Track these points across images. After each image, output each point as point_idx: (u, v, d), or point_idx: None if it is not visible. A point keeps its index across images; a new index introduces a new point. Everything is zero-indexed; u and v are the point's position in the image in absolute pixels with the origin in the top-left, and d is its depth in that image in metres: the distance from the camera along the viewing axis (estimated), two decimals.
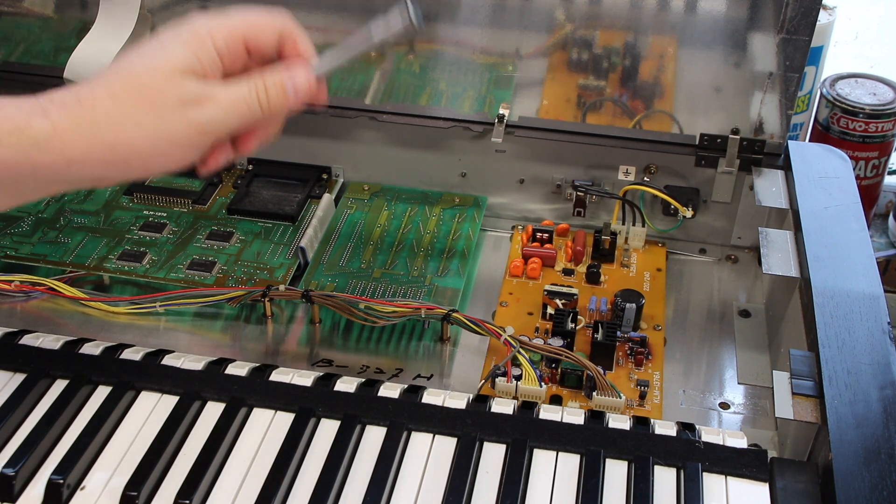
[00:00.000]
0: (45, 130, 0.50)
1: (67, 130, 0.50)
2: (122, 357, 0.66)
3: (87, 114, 0.51)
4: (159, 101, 0.51)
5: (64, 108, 0.50)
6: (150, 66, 0.52)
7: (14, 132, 0.49)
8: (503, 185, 0.87)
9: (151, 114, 0.51)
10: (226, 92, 0.53)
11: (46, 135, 0.50)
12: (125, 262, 0.79)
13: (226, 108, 0.53)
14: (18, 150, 0.49)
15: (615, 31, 0.78)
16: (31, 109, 0.50)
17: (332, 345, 0.73)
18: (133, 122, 0.51)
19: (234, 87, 0.54)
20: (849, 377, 0.57)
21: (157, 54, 0.52)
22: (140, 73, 0.52)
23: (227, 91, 0.53)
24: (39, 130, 0.50)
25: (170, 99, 0.52)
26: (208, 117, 0.52)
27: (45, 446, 0.59)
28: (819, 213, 0.71)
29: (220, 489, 0.57)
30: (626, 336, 0.72)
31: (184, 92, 0.52)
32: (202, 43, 0.53)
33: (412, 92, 0.85)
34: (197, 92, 0.52)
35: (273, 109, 0.55)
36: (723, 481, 0.57)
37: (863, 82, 0.96)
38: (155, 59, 0.52)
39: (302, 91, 0.56)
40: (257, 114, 0.54)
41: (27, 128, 0.49)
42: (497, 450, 0.59)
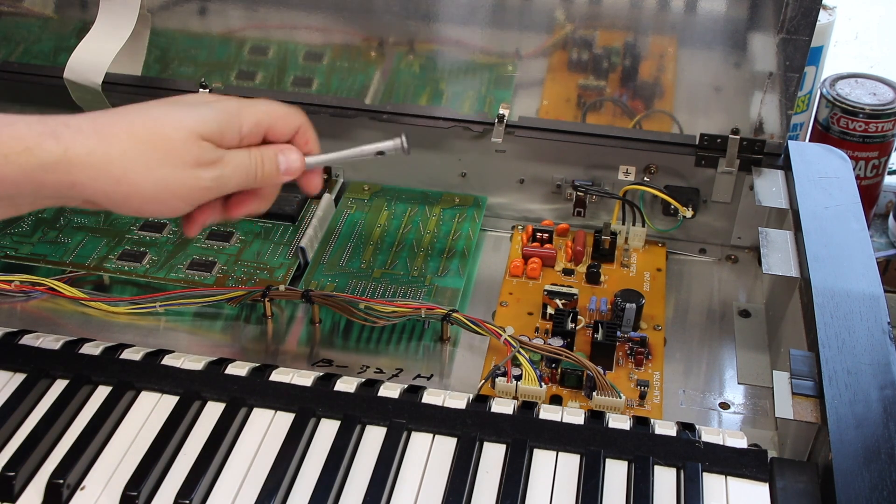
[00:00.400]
0: (55, 153, 0.51)
1: (79, 156, 0.52)
2: (122, 357, 0.66)
3: (103, 145, 0.52)
4: (176, 154, 0.54)
5: (80, 135, 0.52)
6: (178, 122, 0.55)
7: (24, 152, 0.51)
8: (503, 185, 0.87)
9: (165, 164, 0.54)
10: (232, 158, 0.57)
11: (56, 158, 0.51)
12: (125, 262, 0.79)
13: (229, 173, 0.57)
14: (26, 169, 0.51)
15: (615, 31, 0.78)
16: (43, 130, 0.51)
17: (332, 345, 0.73)
18: (145, 166, 0.53)
19: (240, 154, 0.58)
20: (849, 377, 0.57)
21: (188, 114, 0.55)
22: (166, 124, 0.54)
23: (233, 158, 0.57)
24: (49, 153, 0.51)
25: (186, 156, 0.54)
26: (213, 176, 0.56)
27: (45, 446, 0.59)
28: (819, 213, 0.71)
29: (220, 489, 0.57)
30: (626, 336, 0.72)
31: (200, 154, 0.55)
32: (231, 122, 0.57)
33: (412, 92, 0.85)
34: (210, 155, 0.56)
35: (265, 179, 0.59)
36: (723, 481, 0.57)
37: (863, 82, 0.96)
38: (184, 118, 0.55)
39: (292, 169, 0.60)
40: (251, 181, 0.58)
41: (37, 148, 0.51)
42: (497, 450, 0.59)
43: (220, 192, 0.57)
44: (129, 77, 0.87)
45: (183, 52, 0.87)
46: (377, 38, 0.83)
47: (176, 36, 0.86)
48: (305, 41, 0.84)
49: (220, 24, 0.85)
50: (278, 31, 0.84)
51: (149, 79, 0.88)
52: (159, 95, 0.86)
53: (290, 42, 0.84)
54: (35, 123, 0.52)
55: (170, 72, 0.88)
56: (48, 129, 0.51)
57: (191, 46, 0.87)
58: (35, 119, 0.52)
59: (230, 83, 0.87)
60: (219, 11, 0.84)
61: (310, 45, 0.84)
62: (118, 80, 0.86)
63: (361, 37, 0.83)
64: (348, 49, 0.84)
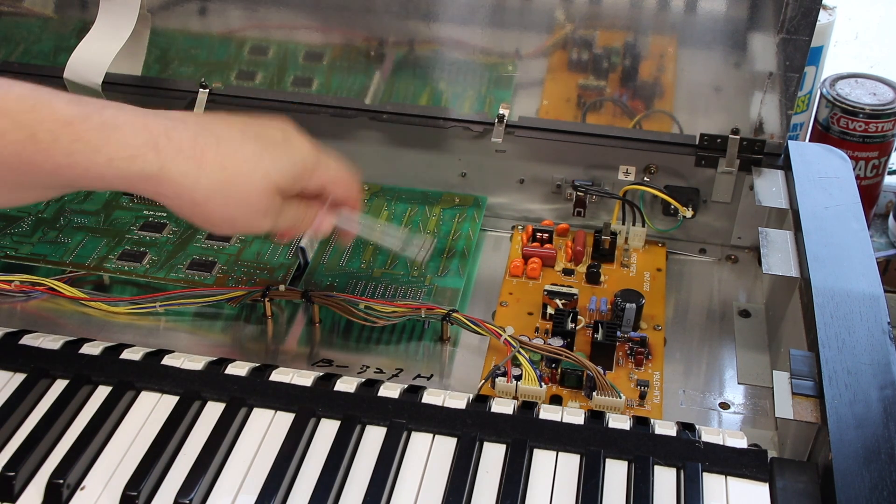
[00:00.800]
0: (154, 167, 0.55)
1: (173, 174, 0.55)
2: (122, 357, 0.66)
3: (195, 172, 0.56)
4: (252, 202, 0.59)
5: (178, 155, 0.55)
6: (264, 174, 0.59)
7: (127, 159, 0.54)
8: (503, 185, 0.87)
9: (240, 206, 0.58)
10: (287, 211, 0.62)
11: (153, 171, 0.55)
12: (125, 262, 0.79)
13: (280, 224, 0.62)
14: (124, 175, 0.54)
15: (615, 31, 0.78)
16: (146, 141, 0.54)
17: (332, 345, 0.73)
18: (223, 202, 0.58)
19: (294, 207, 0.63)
20: (849, 377, 0.57)
21: (274, 164, 0.59)
22: (255, 172, 0.58)
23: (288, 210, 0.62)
24: (150, 165, 0.55)
25: (259, 207, 0.59)
26: (267, 226, 0.61)
27: (45, 446, 0.59)
28: (819, 213, 0.71)
29: (220, 489, 0.57)
30: (626, 336, 0.72)
31: (270, 206, 0.60)
32: (305, 176, 0.61)
33: (412, 92, 0.85)
34: (276, 209, 0.60)
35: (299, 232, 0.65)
36: (723, 481, 0.57)
37: (863, 82, 0.96)
38: (270, 169, 0.59)
39: (318, 233, 0.67)
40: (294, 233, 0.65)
41: (140, 158, 0.54)
42: (497, 450, 0.59)
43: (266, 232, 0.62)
44: (129, 77, 0.87)
45: (183, 52, 0.87)
46: (377, 38, 0.83)
47: (176, 36, 0.86)
48: (305, 41, 0.84)
49: (220, 24, 0.85)
50: (278, 31, 0.84)
51: (149, 79, 0.88)
52: (159, 95, 0.88)
53: (290, 42, 0.84)
54: (141, 131, 0.54)
55: (170, 72, 0.88)
56: (151, 139, 0.54)
57: (191, 46, 0.87)
58: (140, 124, 0.55)
59: (230, 83, 0.87)
60: (219, 11, 0.84)
61: (310, 45, 0.84)
62: (118, 80, 0.86)
63: (361, 37, 0.83)
64: (348, 49, 0.84)
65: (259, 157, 0.59)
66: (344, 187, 0.65)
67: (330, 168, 0.64)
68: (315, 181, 0.63)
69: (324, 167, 0.63)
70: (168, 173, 0.55)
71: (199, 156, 0.56)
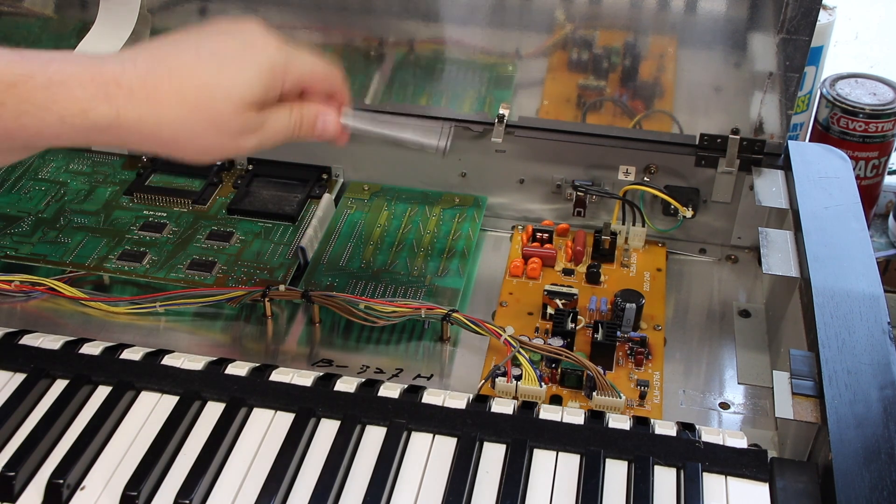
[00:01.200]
0: (109, 117, 0.52)
1: (130, 119, 0.53)
2: (122, 357, 0.66)
3: (154, 112, 0.53)
4: (223, 127, 0.56)
5: (131, 99, 0.53)
6: (226, 94, 0.55)
7: (79, 114, 0.52)
8: (503, 185, 0.87)
9: (211, 133, 0.56)
10: (274, 122, 0.59)
11: (109, 121, 0.52)
12: (125, 262, 0.79)
13: (269, 136, 0.59)
14: (79, 129, 0.52)
15: (615, 31, 0.78)
16: (96, 92, 0.52)
17: (332, 345, 0.73)
18: (191, 133, 0.55)
19: (280, 115, 0.59)
20: (849, 377, 0.57)
21: (236, 82, 0.55)
22: (214, 94, 0.55)
23: (275, 121, 0.59)
24: (103, 117, 0.52)
25: (232, 129, 0.56)
26: (254, 143, 0.58)
27: (45, 446, 0.59)
28: (819, 213, 0.71)
29: (220, 489, 0.57)
30: (626, 336, 0.72)
31: (245, 124, 0.57)
32: (275, 80, 0.57)
33: (412, 92, 0.85)
34: (254, 124, 0.57)
35: (300, 138, 0.61)
36: (723, 481, 0.57)
37: (863, 82, 0.96)
38: (232, 88, 0.55)
39: (327, 133, 0.62)
40: (287, 139, 0.60)
41: (92, 111, 0.52)
42: (497, 450, 0.59)
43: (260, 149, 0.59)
44: None
45: None
46: (377, 38, 0.83)
47: None
48: (305, 41, 0.84)
49: None
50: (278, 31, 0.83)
51: None
52: None
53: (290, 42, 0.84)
54: (88, 83, 0.52)
55: None
56: (101, 90, 0.52)
57: None
58: (87, 75, 0.52)
59: None
60: (219, 11, 0.84)
61: (310, 45, 0.84)
62: None
63: (361, 37, 0.83)
64: (348, 49, 0.84)
65: (217, 78, 0.55)
66: (324, 80, 0.61)
67: (304, 62, 0.59)
68: (290, 80, 0.58)
69: (296, 63, 0.58)
70: (125, 120, 0.53)
71: (153, 95, 0.53)
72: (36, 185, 0.88)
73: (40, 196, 0.86)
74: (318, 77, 0.60)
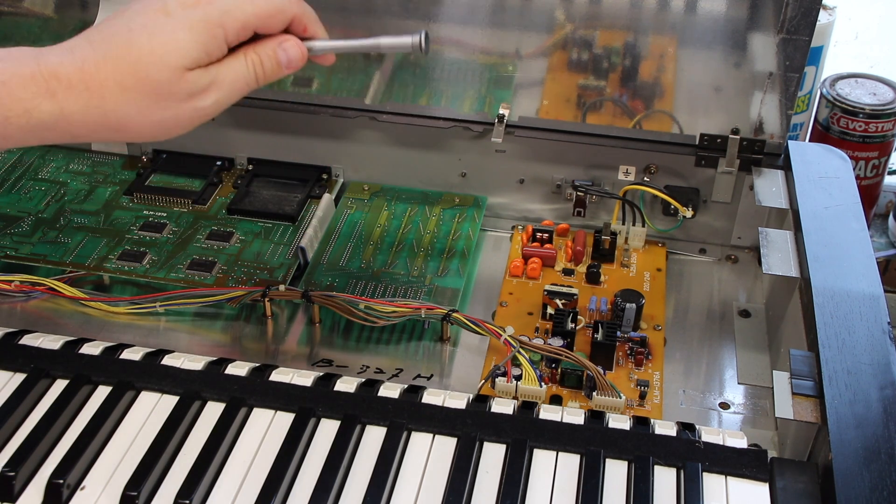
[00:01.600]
0: (53, 113, 0.51)
1: (75, 112, 0.52)
2: (122, 357, 0.66)
3: (96, 99, 0.52)
4: (167, 95, 0.53)
5: (71, 92, 0.52)
6: (160, 61, 0.53)
7: (23, 114, 0.51)
8: (503, 185, 0.87)
9: (159, 105, 0.53)
10: (226, 74, 0.55)
11: (54, 118, 0.51)
12: (125, 262, 0.79)
13: (227, 91, 0.55)
14: (26, 128, 0.51)
15: (615, 31, 0.78)
16: (38, 90, 0.51)
17: (332, 345, 0.73)
18: (138, 111, 0.53)
19: (233, 65, 0.55)
20: (849, 377, 0.57)
21: (168, 48, 0.53)
22: (149, 65, 0.53)
23: (228, 72, 0.55)
24: (48, 114, 0.51)
25: (178, 94, 0.53)
26: (211, 101, 0.55)
27: (45, 446, 0.59)
28: (819, 213, 0.71)
29: (220, 489, 0.57)
30: (626, 336, 0.72)
31: (191, 86, 0.54)
32: (213, 35, 0.54)
33: (412, 92, 0.85)
34: (202, 83, 0.54)
35: (268, 79, 0.57)
36: (723, 481, 0.57)
37: (863, 82, 0.96)
38: (165, 54, 0.53)
39: (294, 61, 0.58)
40: (254, 86, 0.57)
41: (35, 110, 0.51)
42: (497, 450, 0.59)
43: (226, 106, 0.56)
44: None
45: None
46: None
47: None
48: None
49: None
50: None
51: None
52: None
53: None
54: (29, 81, 0.51)
55: None
56: (42, 87, 0.51)
57: None
58: (27, 74, 0.51)
59: None
60: None
61: None
62: None
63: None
64: None
65: (149, 49, 0.52)
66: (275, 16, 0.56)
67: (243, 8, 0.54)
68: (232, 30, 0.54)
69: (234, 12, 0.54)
70: (70, 114, 0.52)
71: (91, 83, 0.52)
72: (36, 185, 0.88)
73: (40, 196, 0.86)
74: (265, 16, 0.56)
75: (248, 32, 0.56)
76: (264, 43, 0.57)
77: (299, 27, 0.58)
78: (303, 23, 0.58)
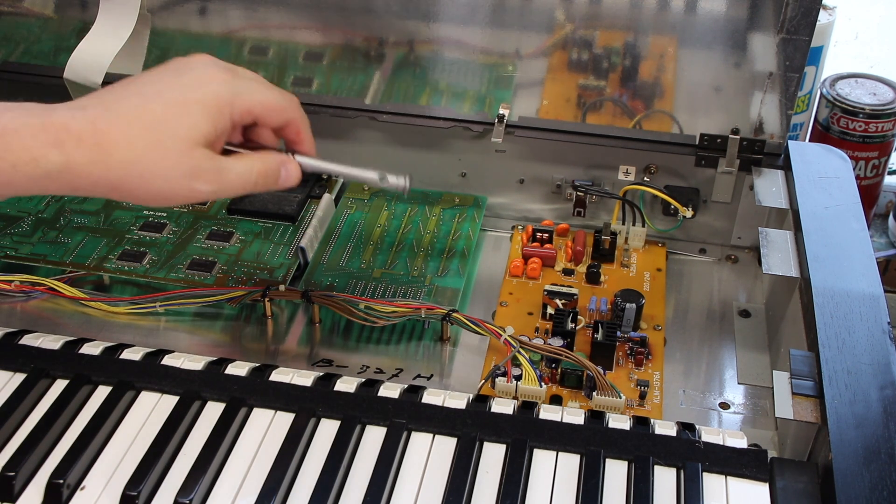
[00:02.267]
0: (59, 164, 0.53)
1: (80, 164, 0.53)
2: (122, 357, 0.66)
3: (104, 156, 0.54)
4: (173, 168, 0.55)
5: (81, 146, 0.53)
6: (173, 131, 0.55)
7: (30, 162, 0.52)
8: (503, 185, 0.87)
9: (161, 174, 0.55)
10: (231, 170, 0.58)
11: (59, 168, 0.53)
12: (125, 262, 0.79)
13: (226, 186, 0.58)
14: (32, 177, 0.52)
15: (615, 31, 0.78)
16: (47, 140, 0.52)
17: (332, 345, 0.73)
18: (140, 178, 0.55)
19: (239, 166, 0.58)
20: (849, 377, 0.57)
21: (182, 120, 0.55)
22: (162, 133, 0.55)
23: (233, 170, 0.58)
24: (54, 164, 0.53)
25: (183, 169, 0.55)
26: (209, 190, 0.57)
27: (45, 446, 0.59)
28: (819, 213, 0.71)
29: (220, 489, 0.57)
30: (626, 336, 0.72)
31: (196, 165, 0.56)
32: (222, 114, 0.57)
33: (412, 92, 0.85)
34: (206, 166, 0.56)
35: (263, 189, 0.60)
36: (723, 481, 0.57)
37: (863, 82, 0.96)
38: (178, 125, 0.55)
39: (290, 181, 0.62)
40: (249, 191, 0.59)
41: (42, 158, 0.52)
42: (497, 450, 0.59)
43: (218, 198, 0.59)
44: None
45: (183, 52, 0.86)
46: (377, 38, 0.83)
47: (176, 36, 0.86)
48: (305, 41, 0.84)
49: (220, 24, 0.85)
50: (278, 31, 0.84)
51: None
52: None
53: (290, 42, 0.84)
54: (39, 131, 0.53)
55: None
56: (51, 137, 0.53)
57: (191, 46, 0.87)
58: (38, 124, 0.53)
59: None
60: (219, 11, 0.84)
61: (310, 45, 0.84)
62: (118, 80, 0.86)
63: (361, 37, 0.83)
64: (348, 49, 0.84)
65: (163, 118, 0.55)
66: (277, 111, 0.60)
67: (252, 94, 0.58)
68: (238, 112, 0.58)
69: (244, 96, 0.58)
70: (75, 166, 0.53)
71: (101, 140, 0.53)
72: None
73: (40, 196, 0.86)
74: (269, 107, 0.60)
75: (250, 119, 0.59)
76: (270, 156, 0.60)
77: (293, 131, 0.62)
78: (297, 127, 0.62)
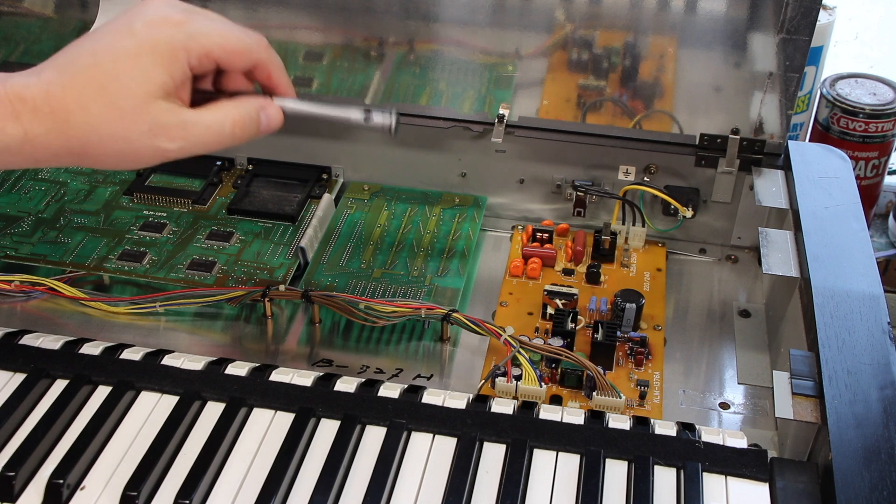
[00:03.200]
0: (18, 136, 0.51)
1: (38, 135, 0.51)
2: (122, 357, 0.66)
3: (60, 123, 0.52)
4: (132, 124, 0.52)
5: (36, 115, 0.51)
6: (126, 87, 0.52)
7: None
8: (503, 185, 0.87)
9: (120, 134, 0.52)
10: (198, 122, 0.54)
11: (18, 140, 0.51)
12: (125, 262, 0.79)
13: (195, 141, 0.54)
14: None
15: (615, 31, 0.78)
16: (3, 112, 0.51)
17: (332, 345, 0.73)
18: (101, 138, 0.52)
19: (207, 117, 0.54)
20: (849, 377, 0.57)
21: (133, 73, 0.52)
22: (115, 92, 0.52)
23: (200, 121, 0.54)
24: (12, 137, 0.51)
25: (142, 128, 0.52)
26: (176, 147, 0.54)
27: (45, 446, 0.59)
28: (819, 213, 0.71)
29: (220, 489, 0.57)
30: (626, 336, 0.72)
31: (156, 121, 0.53)
32: (177, 60, 0.53)
33: (412, 92, 0.85)
34: (167, 120, 0.53)
35: (242, 140, 0.56)
36: (723, 481, 0.57)
37: (863, 82, 0.96)
38: (130, 80, 0.52)
39: (272, 126, 0.57)
40: (226, 144, 0.56)
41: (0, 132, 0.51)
42: (497, 450, 0.59)
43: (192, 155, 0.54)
44: None
45: None
46: (377, 38, 0.83)
47: None
48: (305, 41, 0.84)
49: None
50: (278, 31, 0.84)
51: None
52: None
53: (290, 42, 0.84)
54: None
55: None
56: (7, 109, 0.51)
57: None
58: None
59: None
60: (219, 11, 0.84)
61: (310, 45, 0.84)
62: None
63: (361, 37, 0.83)
64: (348, 49, 0.84)
65: (114, 74, 0.52)
66: (240, 53, 0.55)
67: (210, 36, 0.54)
68: (195, 56, 0.53)
69: (200, 39, 0.53)
70: (34, 138, 0.51)
71: (56, 107, 0.51)
72: (36, 185, 0.88)
73: (40, 196, 0.86)
74: (230, 50, 0.55)
75: (211, 64, 0.55)
76: (245, 101, 0.56)
77: (263, 73, 0.58)
78: (267, 70, 0.58)
